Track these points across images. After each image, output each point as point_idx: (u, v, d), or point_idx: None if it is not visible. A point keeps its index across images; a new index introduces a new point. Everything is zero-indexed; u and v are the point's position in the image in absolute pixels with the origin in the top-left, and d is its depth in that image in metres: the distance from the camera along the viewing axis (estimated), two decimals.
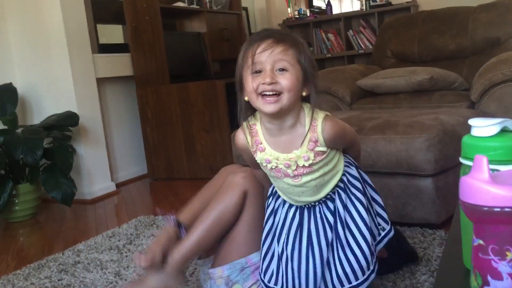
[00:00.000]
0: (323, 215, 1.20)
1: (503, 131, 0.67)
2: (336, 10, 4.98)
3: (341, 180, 1.20)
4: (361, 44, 4.60)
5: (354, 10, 4.81)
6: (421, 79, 2.68)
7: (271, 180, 1.26)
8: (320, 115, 1.12)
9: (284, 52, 1.07)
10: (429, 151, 1.96)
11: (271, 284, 1.27)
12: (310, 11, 5.06)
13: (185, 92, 3.56)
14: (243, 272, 1.41)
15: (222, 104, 3.43)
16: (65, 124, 3.12)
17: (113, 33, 3.87)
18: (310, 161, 1.12)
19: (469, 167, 0.66)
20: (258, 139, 1.17)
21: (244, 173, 1.39)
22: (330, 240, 1.19)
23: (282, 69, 1.07)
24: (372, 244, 1.21)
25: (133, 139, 3.95)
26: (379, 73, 2.96)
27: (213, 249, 1.49)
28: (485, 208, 0.55)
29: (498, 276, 0.55)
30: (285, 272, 1.23)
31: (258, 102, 1.08)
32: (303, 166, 1.12)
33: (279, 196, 1.28)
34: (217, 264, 1.45)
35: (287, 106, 1.08)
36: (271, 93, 1.06)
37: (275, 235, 1.27)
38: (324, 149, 1.11)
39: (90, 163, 3.38)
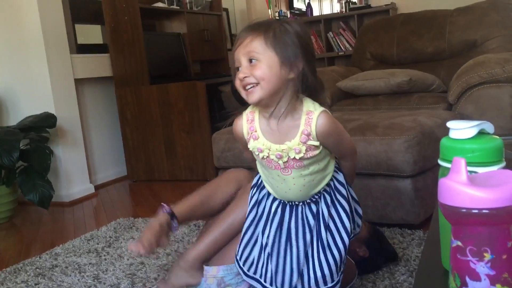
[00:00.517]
0: (304, 216, 1.20)
1: (481, 133, 0.68)
2: (316, 12, 5.01)
3: (328, 184, 1.20)
4: (341, 46, 4.63)
5: (334, 12, 4.85)
6: (400, 81, 2.71)
7: (262, 169, 1.23)
8: (317, 109, 1.09)
9: (250, 43, 1.06)
10: (407, 152, 1.98)
11: (250, 273, 1.27)
12: (291, 13, 5.08)
13: (165, 93, 3.53)
14: (238, 277, 1.40)
15: (203, 105, 3.42)
16: (42, 126, 3.06)
17: (91, 33, 3.82)
18: (301, 154, 1.10)
19: (448, 169, 0.67)
20: (253, 127, 1.16)
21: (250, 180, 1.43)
22: (308, 241, 1.20)
23: (252, 60, 1.07)
24: (345, 251, 1.22)
25: (112, 141, 3.91)
26: (359, 75, 2.98)
27: None
28: (463, 210, 0.56)
29: (476, 277, 0.56)
30: (266, 264, 1.24)
31: (243, 95, 1.10)
32: (294, 159, 1.11)
33: (263, 188, 1.27)
34: (214, 264, 1.44)
35: (267, 94, 1.07)
36: (250, 86, 1.07)
37: (258, 226, 1.26)
38: (316, 143, 1.09)
39: (68, 165, 3.34)
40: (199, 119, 3.44)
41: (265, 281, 1.25)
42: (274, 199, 1.24)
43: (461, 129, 0.66)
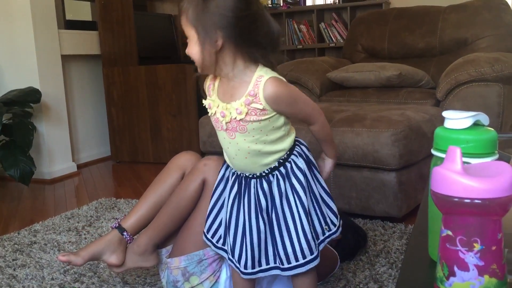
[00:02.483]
0: (255, 195, 1.17)
1: (476, 124, 0.68)
2: (309, 2, 4.98)
3: (283, 165, 1.16)
4: (332, 37, 4.62)
5: (327, 3, 4.82)
6: (390, 74, 2.71)
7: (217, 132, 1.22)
8: (268, 74, 1.08)
9: (181, 17, 1.09)
10: (394, 145, 1.99)
11: (219, 244, 1.27)
12: (284, 1, 5.04)
13: (153, 74, 3.49)
14: (201, 264, 1.41)
15: (191, 89, 3.38)
16: (26, 100, 3.01)
17: (80, 10, 3.75)
18: (242, 116, 1.08)
19: (441, 159, 0.67)
20: (212, 84, 1.17)
21: (207, 161, 1.43)
22: (263, 217, 1.17)
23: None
24: (310, 237, 1.17)
25: (97, 120, 3.86)
26: (349, 67, 2.98)
27: (171, 238, 1.50)
28: (456, 199, 0.55)
29: (464, 267, 0.56)
30: (228, 237, 1.23)
31: None
32: (236, 120, 1.10)
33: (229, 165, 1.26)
34: (175, 255, 1.45)
35: (203, 68, 1.10)
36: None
37: (224, 202, 1.25)
38: (260, 107, 1.07)
39: (51, 142, 3.28)
40: (186, 103, 3.41)
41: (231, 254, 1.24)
42: (233, 173, 1.22)
43: (457, 119, 0.65)
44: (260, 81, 1.07)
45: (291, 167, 1.16)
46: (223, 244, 1.26)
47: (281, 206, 1.16)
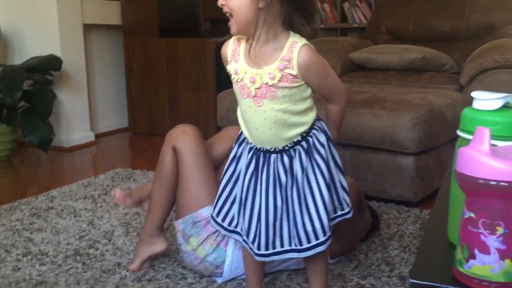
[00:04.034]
0: (276, 170, 1.15)
1: (505, 106, 0.66)
2: None
3: (306, 140, 1.14)
4: (356, 17, 4.54)
5: None
6: (414, 57, 2.66)
7: (239, 107, 1.19)
8: (302, 41, 1.07)
9: None
10: (414, 129, 1.96)
11: (231, 227, 1.25)
12: None
13: (173, 48, 3.48)
14: (196, 226, 1.45)
15: (211, 64, 3.37)
16: (47, 68, 3.02)
17: None
18: (275, 81, 1.06)
19: (466, 140, 0.65)
20: (237, 49, 1.14)
21: (172, 130, 1.52)
22: (282, 195, 1.15)
23: None
24: (325, 215, 1.15)
25: (116, 91, 3.87)
26: (372, 48, 2.93)
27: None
28: (481, 181, 0.54)
29: (485, 250, 0.55)
30: (243, 217, 1.21)
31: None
32: (267, 85, 1.07)
33: (243, 141, 1.23)
34: (175, 219, 1.52)
35: (241, 25, 1.07)
36: (228, 14, 1.08)
37: (237, 180, 1.23)
38: (294, 72, 1.06)
39: (70, 110, 3.31)
40: (205, 77, 3.40)
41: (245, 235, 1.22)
42: (250, 149, 1.19)
43: (486, 100, 0.64)
44: (295, 47, 1.06)
45: (313, 142, 1.15)
46: (236, 226, 1.24)
47: (302, 182, 1.14)
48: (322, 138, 1.16)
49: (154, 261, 1.61)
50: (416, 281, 0.59)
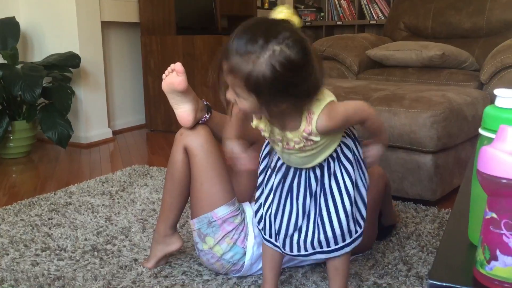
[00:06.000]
0: (307, 179, 1.17)
1: None
2: None
3: (335, 150, 1.15)
4: (374, 14, 4.50)
5: None
6: (433, 54, 2.63)
7: None
8: (318, 108, 1.03)
9: (234, 79, 0.97)
10: (433, 127, 1.94)
11: (267, 236, 1.26)
12: None
13: (190, 45, 3.48)
14: (212, 225, 1.44)
15: None
16: (66, 65, 3.06)
17: None
18: (301, 145, 1.07)
19: (488, 138, 0.64)
20: None
21: (182, 130, 1.50)
22: (307, 205, 1.17)
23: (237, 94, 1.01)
24: (352, 217, 1.16)
25: (134, 88, 3.90)
26: (390, 45, 2.90)
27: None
28: (504, 181, 0.53)
29: (507, 251, 0.54)
30: (274, 222, 1.22)
31: None
32: (293, 146, 1.09)
33: (270, 152, 1.24)
34: (191, 217, 1.51)
35: (251, 115, 1.09)
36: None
37: (269, 191, 1.24)
38: (317, 139, 1.06)
39: (89, 107, 3.34)
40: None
41: (276, 241, 1.24)
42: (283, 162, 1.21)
43: (509, 98, 0.62)
44: (312, 118, 1.03)
45: (341, 149, 1.16)
46: (270, 236, 1.25)
47: (329, 184, 1.16)
48: (349, 142, 1.17)
49: (170, 257, 1.62)
50: (435, 282, 0.57)
